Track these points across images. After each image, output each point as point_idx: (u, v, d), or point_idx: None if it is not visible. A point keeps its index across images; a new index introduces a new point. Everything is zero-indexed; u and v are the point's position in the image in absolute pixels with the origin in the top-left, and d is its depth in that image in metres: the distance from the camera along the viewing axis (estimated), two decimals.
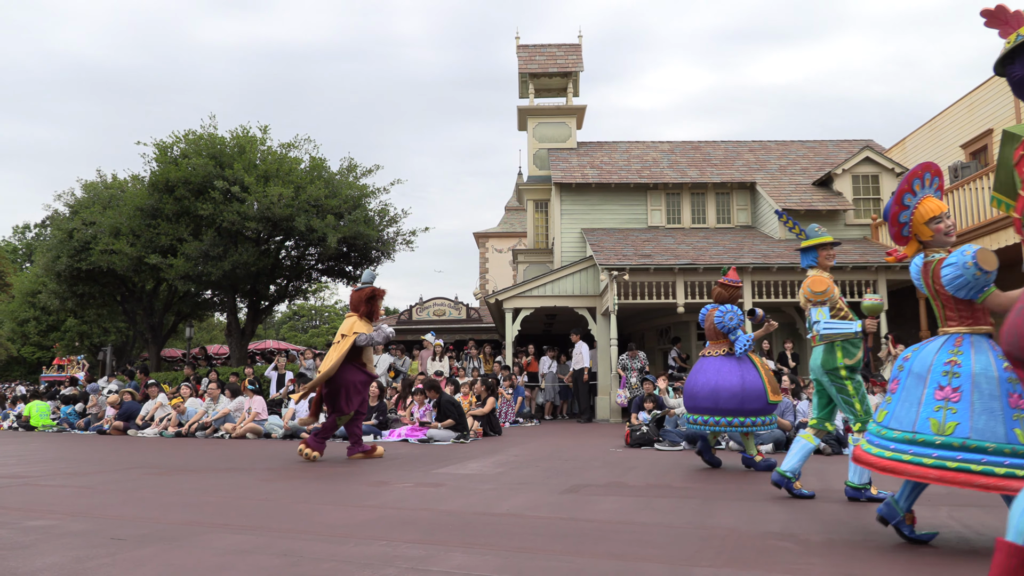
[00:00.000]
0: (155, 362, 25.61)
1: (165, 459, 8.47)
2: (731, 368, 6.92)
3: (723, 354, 7.07)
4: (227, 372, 17.85)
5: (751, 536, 3.77)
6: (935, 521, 4.23)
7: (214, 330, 48.24)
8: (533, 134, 23.17)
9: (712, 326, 7.24)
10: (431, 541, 3.64)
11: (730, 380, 6.83)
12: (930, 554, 3.38)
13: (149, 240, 20.33)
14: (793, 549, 3.46)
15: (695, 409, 7.05)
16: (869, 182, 19.32)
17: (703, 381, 7.00)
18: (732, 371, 6.89)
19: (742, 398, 6.75)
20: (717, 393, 6.83)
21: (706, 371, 7.04)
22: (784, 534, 3.82)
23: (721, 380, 6.86)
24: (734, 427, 6.83)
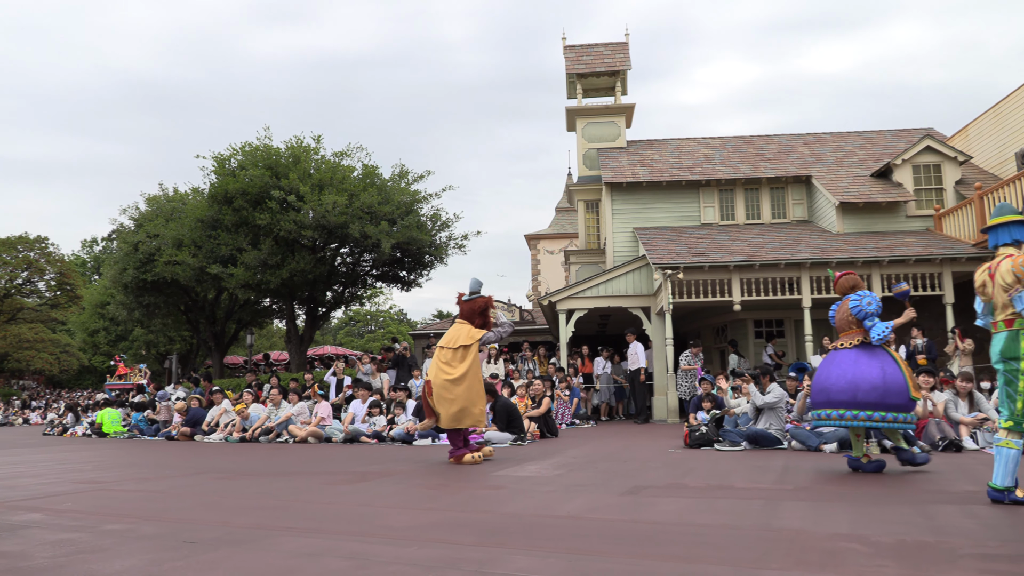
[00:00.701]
0: (218, 369, 26.31)
1: (231, 464, 8.69)
2: (869, 359, 6.36)
3: (856, 345, 6.50)
4: (287, 378, 18.24)
5: (818, 537, 3.69)
6: (1017, 522, 4.07)
7: (274, 337, 49.33)
8: (582, 134, 23.10)
9: (845, 316, 6.63)
10: (493, 544, 3.66)
11: (870, 372, 6.28)
12: (1003, 559, 3.26)
13: (210, 250, 20.91)
14: (862, 551, 3.38)
15: (828, 404, 6.48)
16: (931, 171, 18.73)
17: (838, 373, 6.44)
18: (871, 362, 6.34)
19: (883, 391, 6.19)
20: (856, 385, 6.27)
21: (840, 363, 6.49)
22: (852, 535, 3.73)
23: (859, 372, 6.30)
24: (874, 422, 6.26)
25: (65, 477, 7.48)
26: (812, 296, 16.06)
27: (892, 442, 6.73)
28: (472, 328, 8.29)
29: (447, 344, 8.29)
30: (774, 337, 18.85)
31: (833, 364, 6.57)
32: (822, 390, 6.56)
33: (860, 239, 17.40)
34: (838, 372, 6.46)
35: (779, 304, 17.47)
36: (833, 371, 6.52)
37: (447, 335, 8.42)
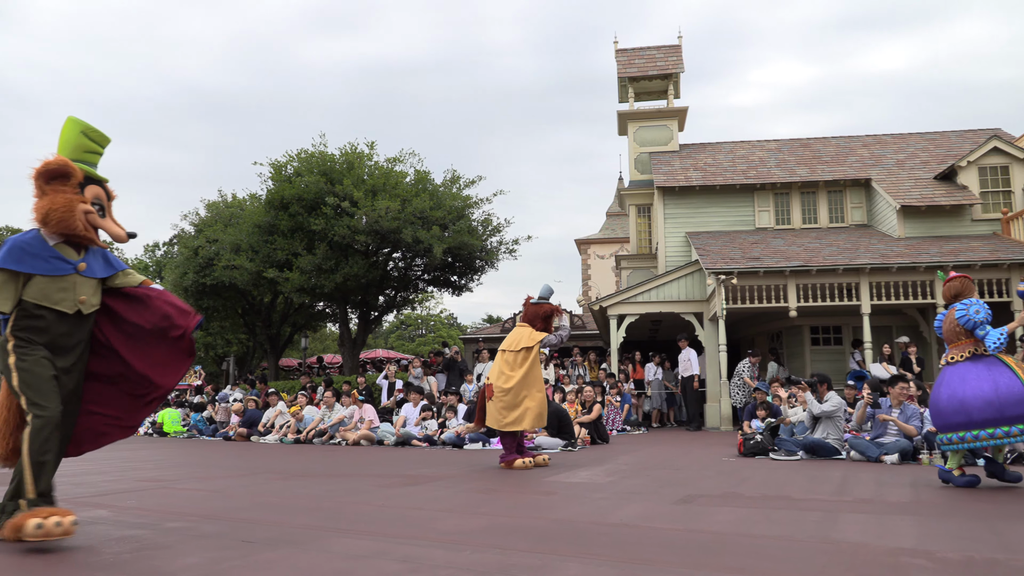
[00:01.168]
0: (273, 371, 26.85)
1: (286, 464, 8.85)
2: (979, 373, 5.96)
3: (966, 358, 6.10)
4: (340, 381, 18.50)
5: (881, 552, 3.58)
6: None
7: (327, 340, 50.12)
8: (634, 138, 22.94)
9: (952, 327, 6.21)
10: (545, 550, 3.64)
11: (980, 387, 5.89)
12: None
13: (267, 255, 21.37)
14: (928, 567, 3.27)
15: (945, 427, 6.12)
16: (998, 174, 18.09)
17: (947, 395, 6.07)
18: (981, 376, 5.94)
19: (999, 406, 5.78)
20: (966, 405, 5.89)
21: (950, 382, 6.11)
22: (917, 551, 3.61)
23: (968, 389, 5.93)
24: (997, 439, 5.83)
25: (128, 475, 7.70)
26: (871, 302, 15.64)
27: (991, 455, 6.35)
28: (533, 331, 8.29)
29: (509, 347, 8.31)
30: (862, 344, 18.36)
31: (943, 384, 6.18)
32: (937, 413, 6.18)
33: (922, 244, 16.90)
34: (948, 393, 6.08)
35: (837, 310, 17.06)
36: (943, 392, 6.13)
37: (509, 338, 8.44)
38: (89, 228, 3.83)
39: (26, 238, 3.77)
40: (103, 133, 3.97)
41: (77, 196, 3.77)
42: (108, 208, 3.94)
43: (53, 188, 3.75)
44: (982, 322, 6.00)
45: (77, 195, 3.78)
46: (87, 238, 3.86)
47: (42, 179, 3.75)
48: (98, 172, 3.95)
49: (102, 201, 3.90)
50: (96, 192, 3.87)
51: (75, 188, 3.78)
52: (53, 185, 3.75)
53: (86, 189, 3.82)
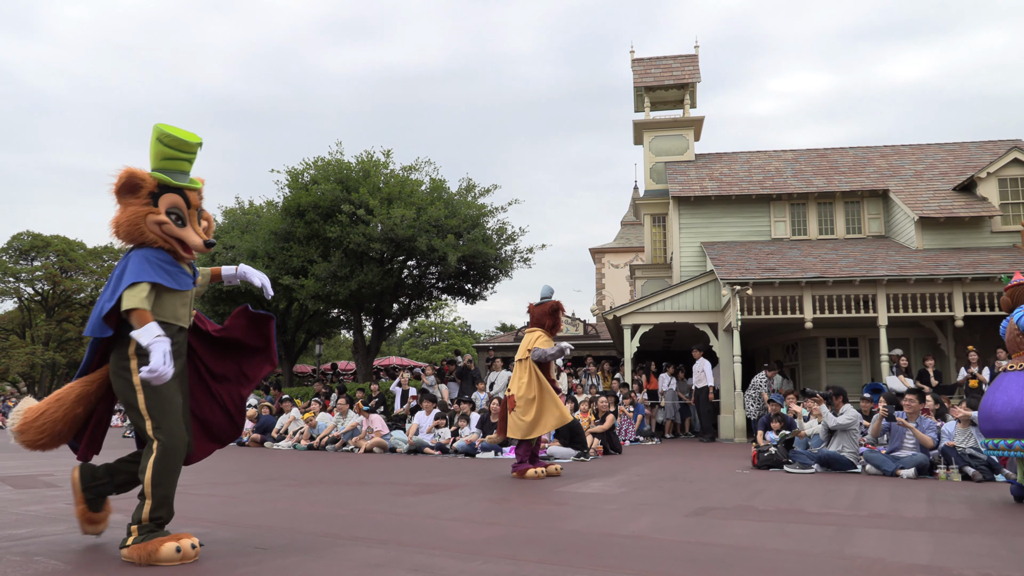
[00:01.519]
0: (288, 378, 26.97)
1: (300, 471, 8.88)
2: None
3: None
4: (354, 388, 18.56)
5: (896, 568, 3.55)
6: None
7: (341, 347, 50.30)
8: (649, 148, 22.93)
9: (1014, 334, 6.09)
10: (557, 561, 3.64)
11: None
12: None
13: (282, 262, 21.51)
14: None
15: (995, 433, 6.02)
16: (1019, 185, 17.93)
17: (1003, 400, 5.97)
18: None
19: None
20: (1022, 414, 5.80)
21: (1007, 389, 6.00)
22: (933, 567, 3.58)
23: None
24: None
25: None
26: (888, 314, 15.52)
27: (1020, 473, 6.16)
28: (542, 334, 8.27)
29: (519, 356, 8.38)
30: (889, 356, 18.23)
31: (999, 390, 6.07)
32: (988, 418, 6.08)
33: (941, 256, 16.76)
34: (1004, 399, 5.97)
35: (853, 322, 16.94)
36: (999, 398, 6.03)
37: (520, 347, 8.43)
38: (168, 239, 3.71)
39: (152, 250, 3.69)
40: (183, 138, 3.72)
41: (145, 208, 3.65)
42: (188, 216, 3.78)
43: (125, 202, 3.67)
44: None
45: (146, 206, 3.65)
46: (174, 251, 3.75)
47: (116, 194, 3.68)
48: (181, 179, 3.77)
49: (180, 210, 3.73)
50: (172, 201, 3.70)
51: (145, 199, 3.66)
52: (126, 199, 3.67)
53: (161, 198, 3.68)
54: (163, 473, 3.53)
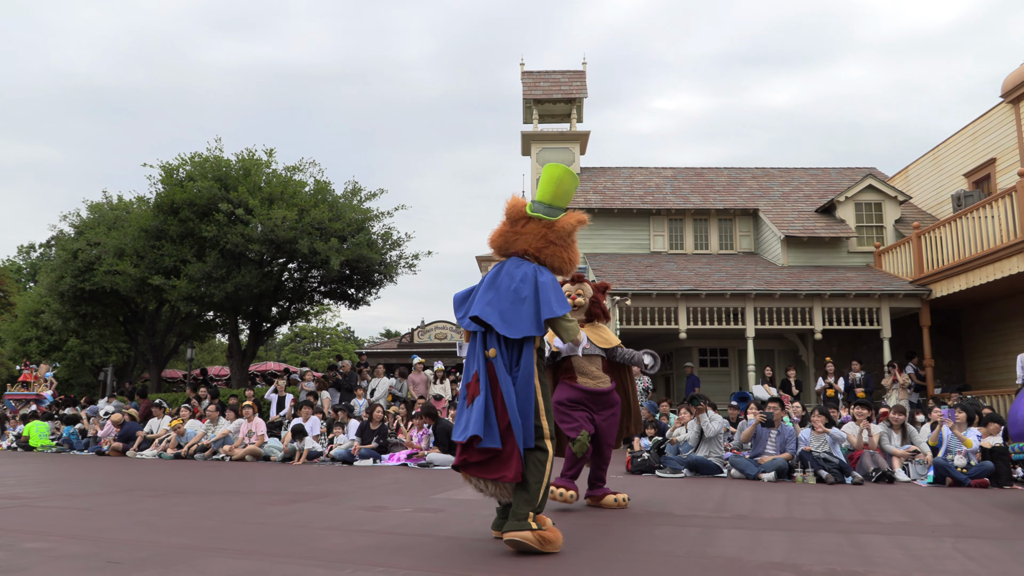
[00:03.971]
0: (156, 383, 25.59)
1: (164, 481, 8.43)
2: None
3: None
4: (227, 394, 17.82)
5: (753, 566, 3.73)
6: (939, 552, 4.19)
7: (215, 351, 48.23)
8: (537, 159, 23.29)
9: None
10: (430, 568, 3.61)
11: None
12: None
13: (153, 261, 20.41)
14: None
15: (1019, 436, 6.16)
16: (872, 209, 19.37)
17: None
18: None
19: None
20: None
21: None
22: (785, 564, 3.79)
23: None
24: None
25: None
26: (756, 327, 16.38)
27: None
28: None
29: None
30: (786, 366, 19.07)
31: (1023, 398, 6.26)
32: (1014, 422, 6.24)
33: (803, 272, 17.86)
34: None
35: (724, 333, 17.79)
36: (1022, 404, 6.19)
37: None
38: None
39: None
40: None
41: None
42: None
43: (574, 240, 4.52)
44: None
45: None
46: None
47: (573, 233, 4.50)
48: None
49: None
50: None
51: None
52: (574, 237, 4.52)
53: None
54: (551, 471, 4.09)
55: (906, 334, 17.58)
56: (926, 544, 4.48)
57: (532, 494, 3.90)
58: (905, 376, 14.43)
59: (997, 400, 14.12)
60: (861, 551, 4.21)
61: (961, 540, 4.66)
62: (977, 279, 14.47)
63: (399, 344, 28.58)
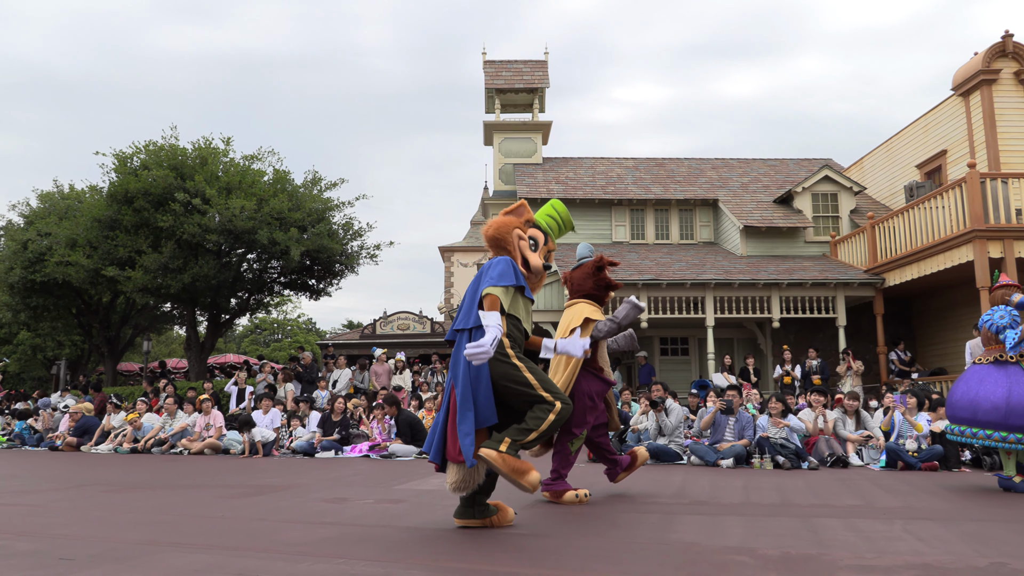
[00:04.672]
0: (111, 376, 25.09)
1: (120, 476, 8.27)
2: (997, 379, 6.31)
3: (991, 362, 6.48)
4: (185, 387, 17.53)
5: (711, 551, 3.79)
6: (890, 534, 4.30)
7: (173, 343, 47.42)
8: (499, 149, 23.25)
9: (986, 332, 6.63)
10: (390, 559, 3.60)
11: (994, 391, 6.25)
12: (879, 570, 3.43)
13: (107, 252, 19.96)
14: (750, 563, 3.49)
15: (953, 419, 6.57)
16: (828, 200, 19.71)
17: (962, 390, 6.51)
18: (998, 382, 6.29)
19: (1005, 412, 6.14)
20: (976, 404, 6.31)
21: (967, 380, 6.56)
22: (742, 548, 3.85)
23: (982, 391, 6.31)
24: (994, 441, 6.24)
25: None
26: (716, 316, 16.60)
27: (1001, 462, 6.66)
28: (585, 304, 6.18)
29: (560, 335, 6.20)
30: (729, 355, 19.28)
31: (962, 380, 6.62)
32: (950, 405, 6.62)
33: (762, 262, 18.13)
34: (963, 388, 6.51)
35: (684, 323, 17.99)
36: (959, 387, 6.57)
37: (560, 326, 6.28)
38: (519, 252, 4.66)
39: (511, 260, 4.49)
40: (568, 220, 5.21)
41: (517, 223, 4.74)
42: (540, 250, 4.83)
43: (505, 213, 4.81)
44: (1004, 327, 6.38)
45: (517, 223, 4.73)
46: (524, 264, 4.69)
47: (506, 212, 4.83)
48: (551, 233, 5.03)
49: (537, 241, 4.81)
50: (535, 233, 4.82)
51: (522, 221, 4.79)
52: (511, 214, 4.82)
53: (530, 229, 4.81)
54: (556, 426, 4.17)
55: (860, 322, 17.97)
56: (877, 526, 4.59)
57: (523, 430, 4.08)
58: (859, 363, 14.75)
59: (946, 386, 14.51)
60: (815, 534, 4.30)
61: (911, 522, 4.79)
62: (928, 268, 14.83)
63: (361, 335, 28.38)
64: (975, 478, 7.84)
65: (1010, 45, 16.62)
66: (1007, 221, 13.59)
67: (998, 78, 16.60)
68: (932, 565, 3.48)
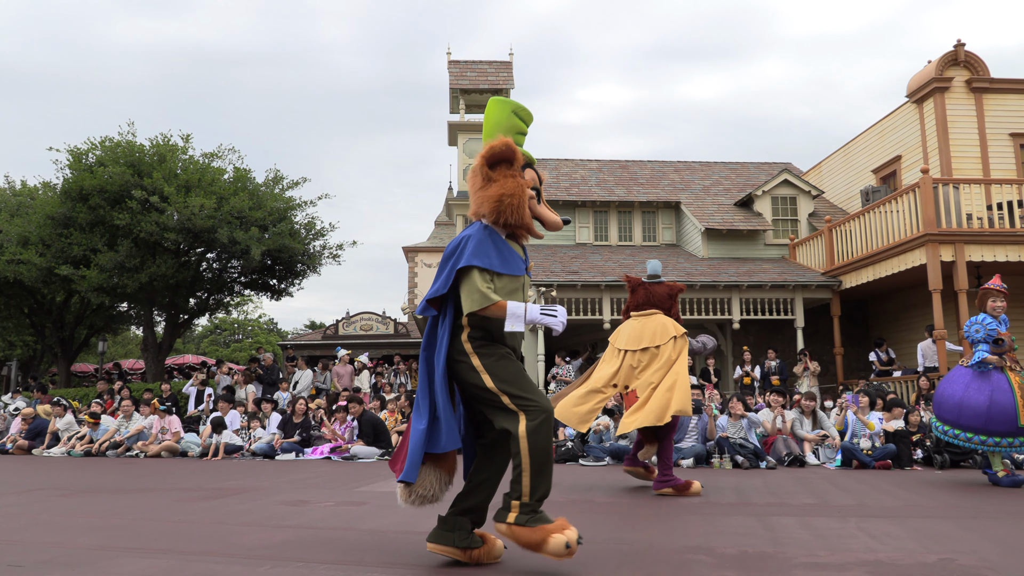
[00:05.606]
0: (65, 377, 24.51)
1: (73, 480, 8.09)
2: (980, 386, 6.55)
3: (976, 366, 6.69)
4: (142, 388, 17.20)
5: (669, 550, 3.83)
6: (844, 531, 4.39)
7: (130, 344, 46.48)
8: (464, 149, 23.23)
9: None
10: (350, 561, 3.58)
11: (977, 398, 6.50)
12: (832, 567, 3.51)
13: (60, 250, 19.48)
14: (708, 562, 3.54)
15: (939, 417, 6.80)
16: (787, 203, 20.05)
17: (949, 392, 6.72)
18: (981, 389, 6.53)
19: (987, 419, 6.43)
20: (960, 408, 6.57)
21: (953, 381, 6.77)
22: (701, 547, 3.91)
23: (968, 396, 6.55)
24: (974, 444, 6.54)
25: None
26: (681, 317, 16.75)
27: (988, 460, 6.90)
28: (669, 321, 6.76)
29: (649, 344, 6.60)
30: None
31: (948, 381, 6.83)
32: (937, 404, 6.86)
33: (723, 264, 18.37)
34: (950, 391, 6.73)
35: None
36: (946, 388, 6.79)
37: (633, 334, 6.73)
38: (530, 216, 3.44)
39: (485, 234, 3.36)
40: (528, 110, 3.61)
41: (524, 180, 3.38)
42: (541, 193, 3.53)
43: (500, 173, 3.36)
44: (976, 341, 6.65)
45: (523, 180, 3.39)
46: (530, 229, 3.47)
47: (487, 164, 3.37)
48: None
49: (537, 186, 3.50)
50: (533, 176, 3.49)
51: (518, 172, 3.40)
52: (499, 170, 3.37)
53: (524, 173, 3.44)
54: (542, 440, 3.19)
55: (818, 323, 18.30)
56: (832, 524, 4.69)
57: (514, 481, 3.20)
58: (815, 364, 15.03)
59: (900, 385, 14.85)
60: (772, 533, 4.38)
61: (864, 519, 4.89)
62: (883, 271, 15.17)
63: (324, 336, 28.12)
64: (927, 476, 8.04)
65: (962, 54, 17.08)
66: (958, 225, 13.95)
67: (950, 86, 17.06)
68: (883, 562, 3.56)
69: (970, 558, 3.64)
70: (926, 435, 9.56)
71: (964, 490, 6.61)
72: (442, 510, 3.67)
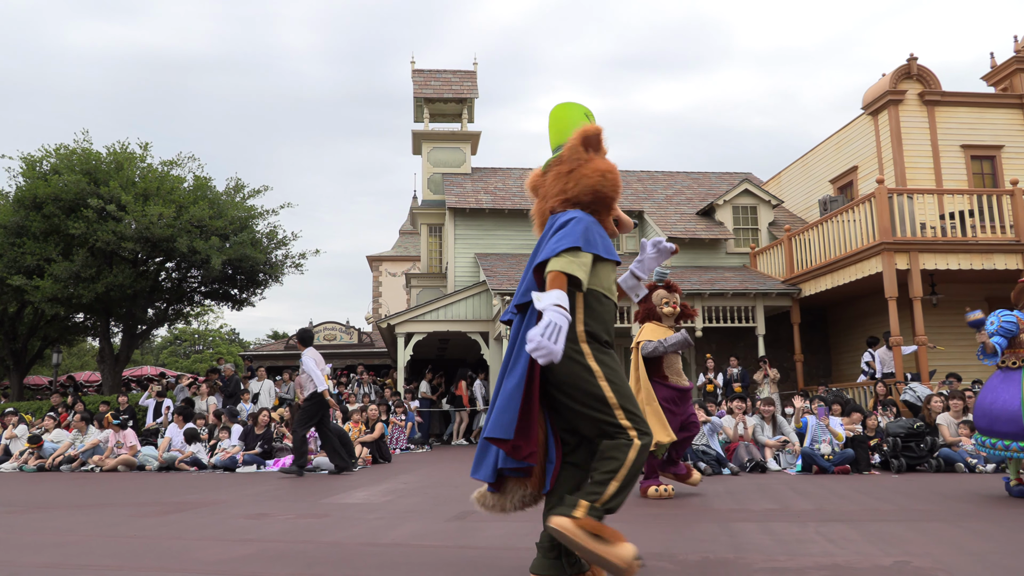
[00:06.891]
0: (17, 390, 23.85)
1: (24, 495, 7.86)
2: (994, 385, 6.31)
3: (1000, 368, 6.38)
4: (98, 400, 16.81)
5: None
6: (803, 536, 4.45)
7: (86, 356, 45.42)
8: (428, 158, 23.18)
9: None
10: (310, 575, 3.53)
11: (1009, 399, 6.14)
12: (792, 571, 3.55)
13: (13, 260, 18.99)
14: (671, 569, 3.56)
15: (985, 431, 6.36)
16: (748, 212, 20.36)
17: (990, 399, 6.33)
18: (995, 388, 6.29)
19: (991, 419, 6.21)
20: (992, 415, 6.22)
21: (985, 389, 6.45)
22: (664, 554, 3.93)
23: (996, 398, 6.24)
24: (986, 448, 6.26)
25: None
26: (639, 325, 16.87)
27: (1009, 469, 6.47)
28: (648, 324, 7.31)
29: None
30: None
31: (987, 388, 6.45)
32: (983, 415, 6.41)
33: (685, 272, 18.57)
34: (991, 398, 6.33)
35: None
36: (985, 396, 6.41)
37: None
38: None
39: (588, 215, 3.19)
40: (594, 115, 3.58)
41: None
42: None
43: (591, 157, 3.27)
44: (993, 333, 6.27)
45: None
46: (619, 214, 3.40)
47: (584, 146, 3.25)
48: None
49: None
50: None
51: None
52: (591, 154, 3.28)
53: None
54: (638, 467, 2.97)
55: (779, 331, 18.58)
56: (792, 529, 4.75)
57: (595, 483, 2.93)
58: (775, 371, 15.25)
59: (858, 392, 15.12)
60: (733, 538, 4.42)
61: (823, 524, 4.97)
62: (841, 279, 15.46)
63: (286, 346, 27.79)
64: (884, 480, 8.19)
65: (915, 68, 17.54)
66: (912, 234, 14.30)
67: (904, 99, 17.50)
68: (841, 565, 3.62)
69: (924, 560, 3.71)
70: (883, 440, 9.74)
71: (919, 494, 6.75)
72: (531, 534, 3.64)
